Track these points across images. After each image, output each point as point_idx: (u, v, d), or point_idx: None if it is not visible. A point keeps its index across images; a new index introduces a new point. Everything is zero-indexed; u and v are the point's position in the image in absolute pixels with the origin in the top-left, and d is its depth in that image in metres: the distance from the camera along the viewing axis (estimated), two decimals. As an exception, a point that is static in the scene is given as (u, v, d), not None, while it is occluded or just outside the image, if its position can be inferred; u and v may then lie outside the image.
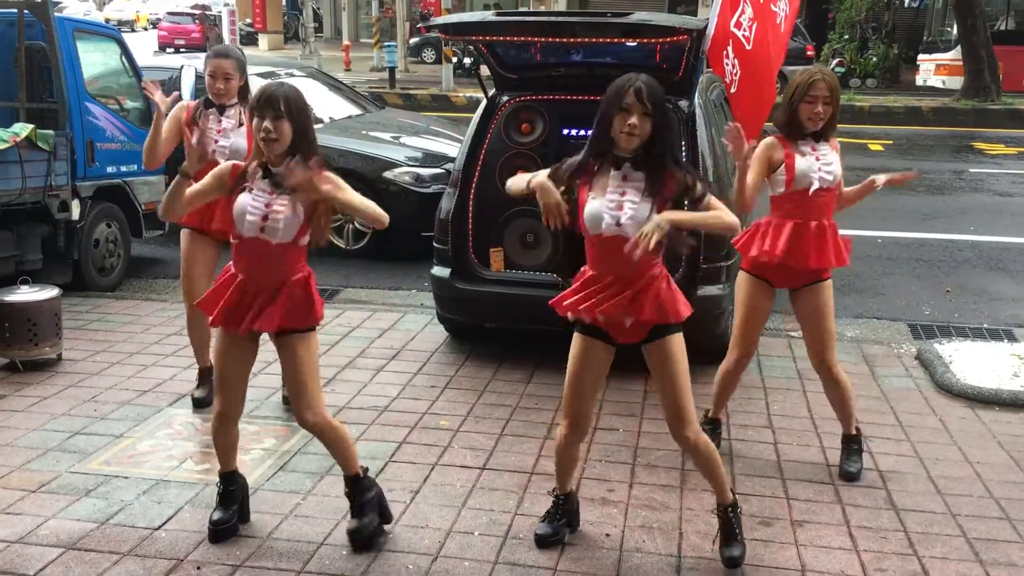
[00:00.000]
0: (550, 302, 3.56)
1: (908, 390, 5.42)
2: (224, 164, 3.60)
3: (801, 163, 4.08)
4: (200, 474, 4.27)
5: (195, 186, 3.57)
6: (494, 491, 4.15)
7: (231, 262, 3.59)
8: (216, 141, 4.64)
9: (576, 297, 3.46)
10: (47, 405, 5.03)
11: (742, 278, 4.29)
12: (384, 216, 3.51)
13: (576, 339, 3.55)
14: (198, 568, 3.51)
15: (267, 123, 3.34)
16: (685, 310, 3.41)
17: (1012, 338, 6.35)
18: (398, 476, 4.27)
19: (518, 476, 4.29)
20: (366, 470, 3.76)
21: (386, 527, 3.76)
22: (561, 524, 3.76)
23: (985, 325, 6.70)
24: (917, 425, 4.94)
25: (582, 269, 3.49)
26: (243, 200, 3.46)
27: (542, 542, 3.70)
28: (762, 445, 4.67)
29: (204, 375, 5.04)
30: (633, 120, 3.24)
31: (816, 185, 4.07)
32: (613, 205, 3.32)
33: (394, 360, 5.80)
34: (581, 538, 3.76)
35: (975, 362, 5.70)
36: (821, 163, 4.08)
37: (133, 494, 4.06)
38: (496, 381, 5.48)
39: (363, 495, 3.70)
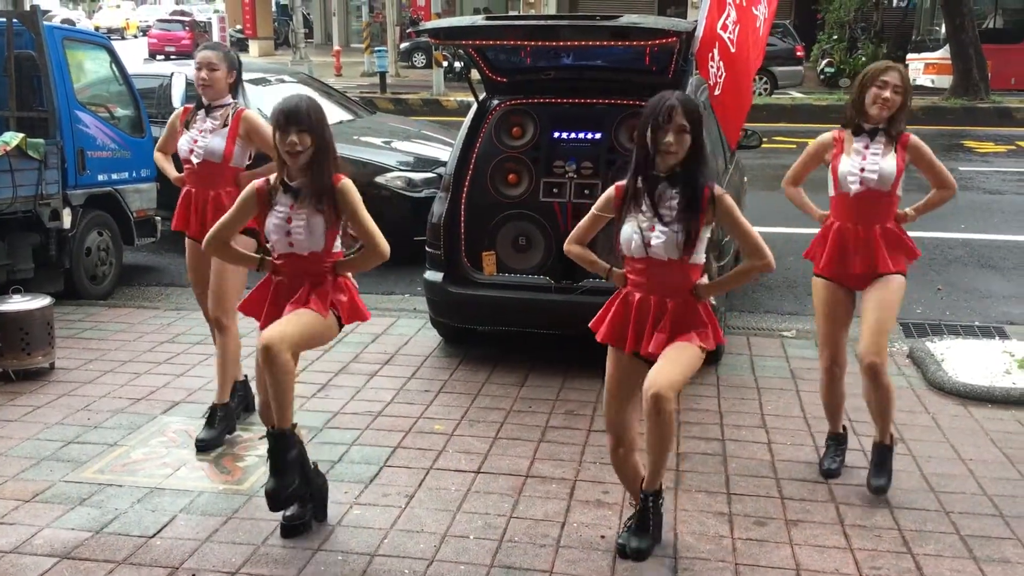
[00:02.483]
0: (591, 324, 3.57)
1: (900, 388, 5.43)
2: (247, 190, 3.66)
3: (844, 164, 4.04)
4: (194, 482, 4.26)
5: (223, 218, 3.70)
6: (489, 495, 4.15)
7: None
8: (196, 141, 4.59)
9: (610, 321, 3.49)
10: (40, 414, 5.02)
11: (814, 283, 4.27)
12: (385, 249, 3.57)
13: (609, 353, 3.56)
14: (193, 575, 3.50)
15: (292, 136, 3.44)
16: (709, 344, 3.40)
17: (1003, 335, 6.37)
18: (393, 481, 4.28)
19: (513, 479, 4.29)
20: (294, 426, 3.65)
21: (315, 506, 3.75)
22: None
23: (976, 323, 6.73)
24: (910, 423, 4.96)
25: (620, 289, 3.52)
26: (269, 221, 3.58)
27: (623, 552, 3.65)
28: (756, 445, 4.69)
29: (215, 410, 4.67)
30: (669, 139, 3.25)
31: (856, 187, 4.00)
32: (646, 226, 3.34)
33: (387, 365, 5.80)
34: (576, 540, 3.77)
35: (967, 360, 5.72)
36: (867, 163, 3.99)
37: (127, 502, 4.05)
38: (490, 385, 5.48)
39: (286, 452, 3.60)
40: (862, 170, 4.00)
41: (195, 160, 4.59)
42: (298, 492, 3.65)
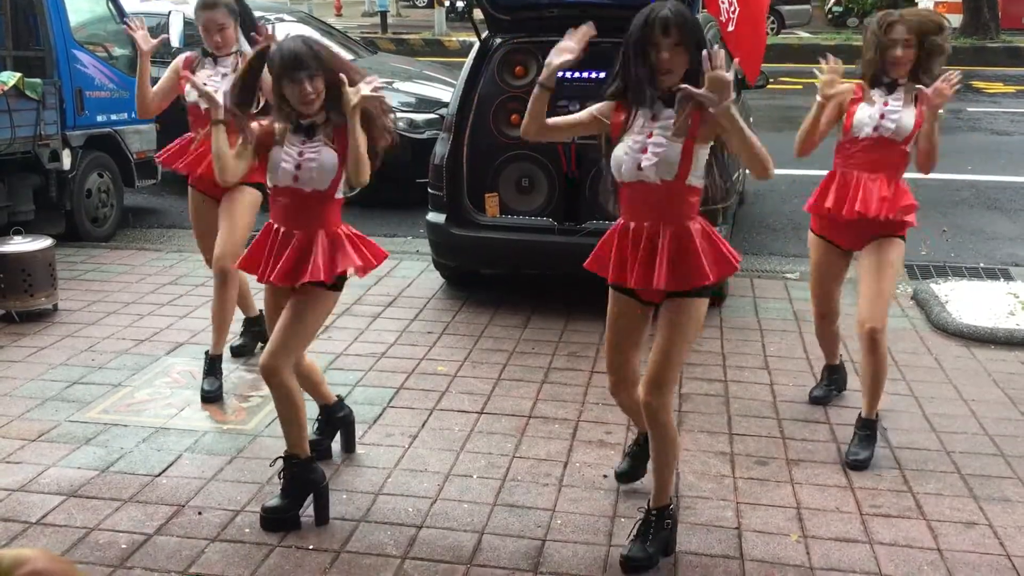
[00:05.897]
0: (586, 264, 3.34)
1: (904, 330, 5.44)
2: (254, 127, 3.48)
3: (862, 111, 3.92)
4: (199, 421, 4.29)
5: (233, 150, 3.45)
6: (492, 435, 4.17)
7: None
8: (205, 85, 4.49)
9: (604, 254, 3.25)
10: (44, 355, 5.03)
11: (810, 240, 4.26)
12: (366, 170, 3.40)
13: (610, 294, 3.32)
14: (199, 513, 3.54)
15: (307, 86, 3.27)
16: (716, 271, 3.10)
17: (1008, 277, 6.36)
18: (396, 421, 4.30)
19: (515, 420, 4.31)
20: (311, 458, 3.55)
21: (320, 524, 3.49)
22: (643, 462, 3.65)
23: (981, 264, 6.71)
24: (913, 364, 4.96)
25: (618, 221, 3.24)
26: (275, 153, 3.42)
27: (622, 478, 3.70)
28: (758, 386, 4.70)
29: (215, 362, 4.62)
30: (664, 55, 3.00)
31: (867, 132, 3.88)
32: (637, 147, 3.08)
33: (391, 307, 5.80)
34: (578, 479, 3.80)
35: (971, 301, 5.71)
36: (888, 110, 3.86)
37: (133, 442, 4.08)
38: (493, 326, 5.49)
39: (295, 479, 3.49)
40: (882, 116, 3.88)
41: (204, 105, 4.49)
42: (292, 522, 3.46)
